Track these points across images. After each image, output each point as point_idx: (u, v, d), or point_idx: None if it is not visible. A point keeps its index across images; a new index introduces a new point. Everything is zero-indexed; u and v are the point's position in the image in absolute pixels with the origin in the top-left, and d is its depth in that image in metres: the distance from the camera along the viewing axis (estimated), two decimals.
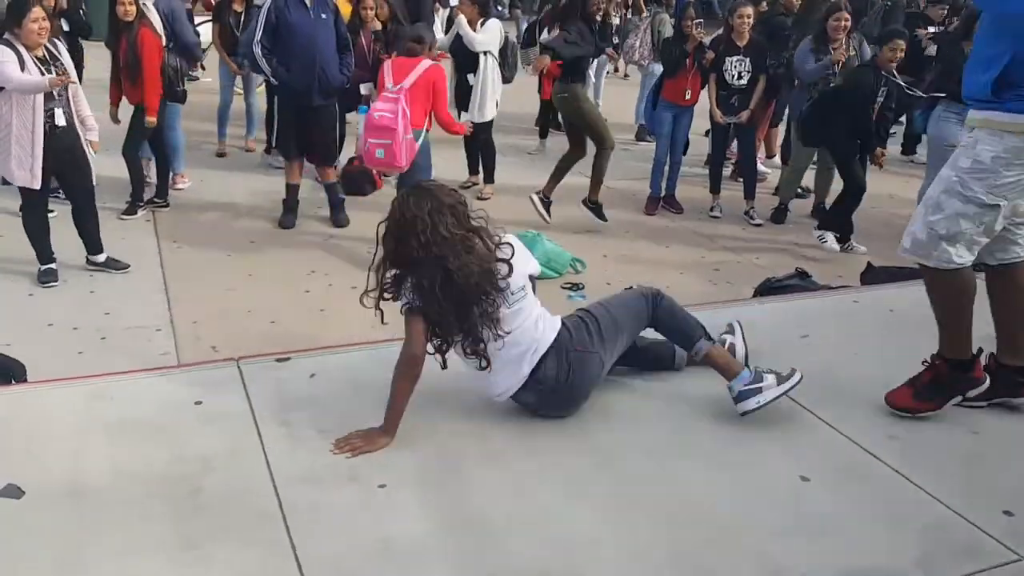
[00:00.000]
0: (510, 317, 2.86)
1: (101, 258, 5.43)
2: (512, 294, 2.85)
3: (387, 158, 5.45)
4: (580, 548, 2.40)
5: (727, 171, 7.83)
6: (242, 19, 7.71)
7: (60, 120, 5.02)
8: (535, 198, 6.49)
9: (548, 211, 6.48)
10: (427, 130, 5.73)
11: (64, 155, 5.08)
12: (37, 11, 4.83)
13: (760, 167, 7.97)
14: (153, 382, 3.20)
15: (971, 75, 2.83)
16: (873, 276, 5.24)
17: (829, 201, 6.95)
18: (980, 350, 3.04)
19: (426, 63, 5.64)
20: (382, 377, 3.24)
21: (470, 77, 7.09)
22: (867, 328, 3.83)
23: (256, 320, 4.89)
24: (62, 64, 5.06)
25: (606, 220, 6.70)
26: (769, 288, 4.75)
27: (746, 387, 3.00)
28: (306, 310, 5.11)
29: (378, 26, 7.12)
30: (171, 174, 6.83)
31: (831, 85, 6.68)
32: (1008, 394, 3.11)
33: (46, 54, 4.97)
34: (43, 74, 4.86)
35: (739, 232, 6.86)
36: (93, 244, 5.42)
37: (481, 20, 7.13)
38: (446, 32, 8.06)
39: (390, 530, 2.43)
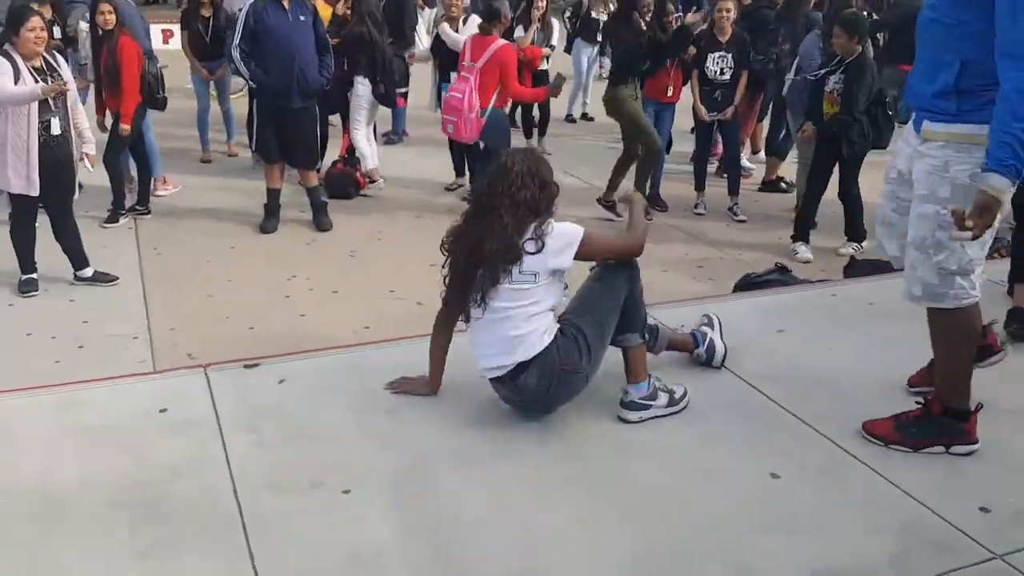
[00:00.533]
0: (507, 294, 2.84)
1: (88, 272, 5.35)
2: (520, 273, 2.82)
3: (455, 132, 6.37)
4: (550, 549, 2.37)
5: (712, 167, 7.79)
6: (211, 24, 7.68)
7: (56, 129, 5.00)
8: (601, 206, 6.72)
9: (616, 214, 6.58)
10: (498, 105, 6.32)
11: (53, 167, 5.04)
12: (35, 20, 4.84)
13: (745, 163, 7.93)
14: (120, 390, 3.18)
15: (923, 85, 2.67)
16: (856, 270, 5.21)
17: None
18: (980, 405, 2.85)
19: (498, 43, 6.28)
20: (353, 382, 3.23)
21: (454, 76, 7.08)
22: (844, 322, 3.80)
23: (234, 326, 4.85)
24: (60, 75, 5.03)
25: (621, 216, 6.70)
26: (749, 284, 4.72)
27: (640, 399, 2.99)
28: (286, 315, 5.07)
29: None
30: (152, 180, 6.80)
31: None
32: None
33: (44, 64, 4.95)
34: (37, 83, 4.83)
35: (723, 229, 6.82)
36: (78, 259, 5.35)
37: (463, 18, 7.14)
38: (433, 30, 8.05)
39: (354, 536, 2.40)
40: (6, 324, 4.84)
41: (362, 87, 6.98)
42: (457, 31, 7.29)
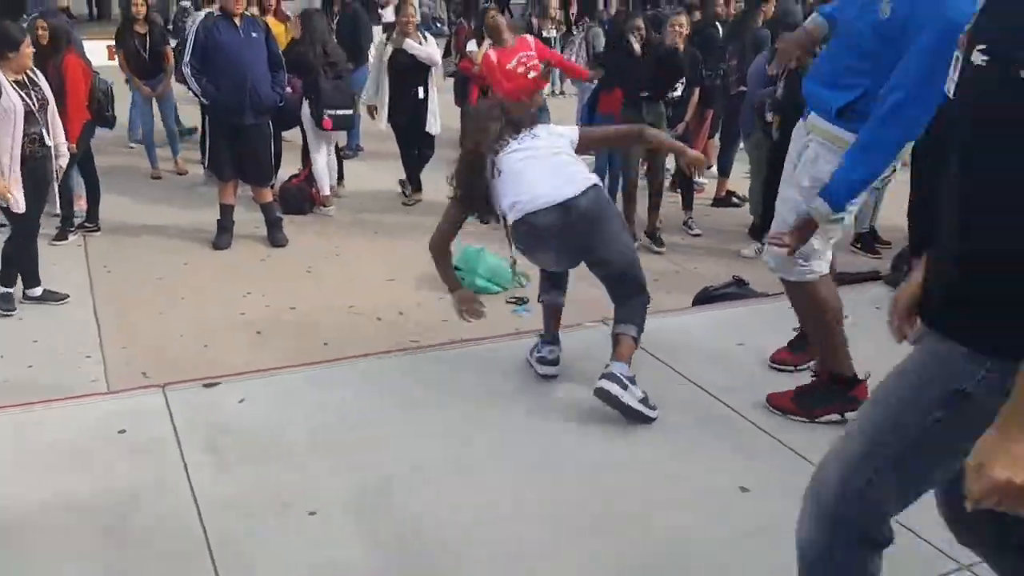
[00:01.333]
0: (548, 136, 3.35)
1: (38, 291, 5.22)
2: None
3: None
4: (515, 562, 2.36)
5: (666, 183, 7.87)
6: (147, 41, 7.57)
7: (47, 141, 4.99)
8: (642, 237, 6.65)
9: (660, 243, 6.65)
10: None
11: (39, 181, 4.99)
12: (29, 38, 4.92)
13: (697, 178, 8.03)
14: (76, 410, 3.10)
15: (819, 88, 2.80)
16: None
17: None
18: (868, 374, 2.97)
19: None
20: (314, 400, 3.19)
21: (420, 91, 7.07)
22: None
23: (189, 345, 4.76)
24: (41, 89, 5.01)
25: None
26: (707, 297, 4.77)
27: (620, 375, 3.05)
28: (242, 333, 4.99)
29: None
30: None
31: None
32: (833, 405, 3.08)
33: (25, 79, 4.91)
34: (22, 99, 4.81)
35: (678, 242, 6.90)
36: (30, 277, 5.22)
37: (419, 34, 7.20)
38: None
39: (323, 559, 2.36)
40: None
41: (306, 109, 6.95)
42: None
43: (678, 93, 6.67)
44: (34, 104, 4.93)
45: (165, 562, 2.31)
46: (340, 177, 7.81)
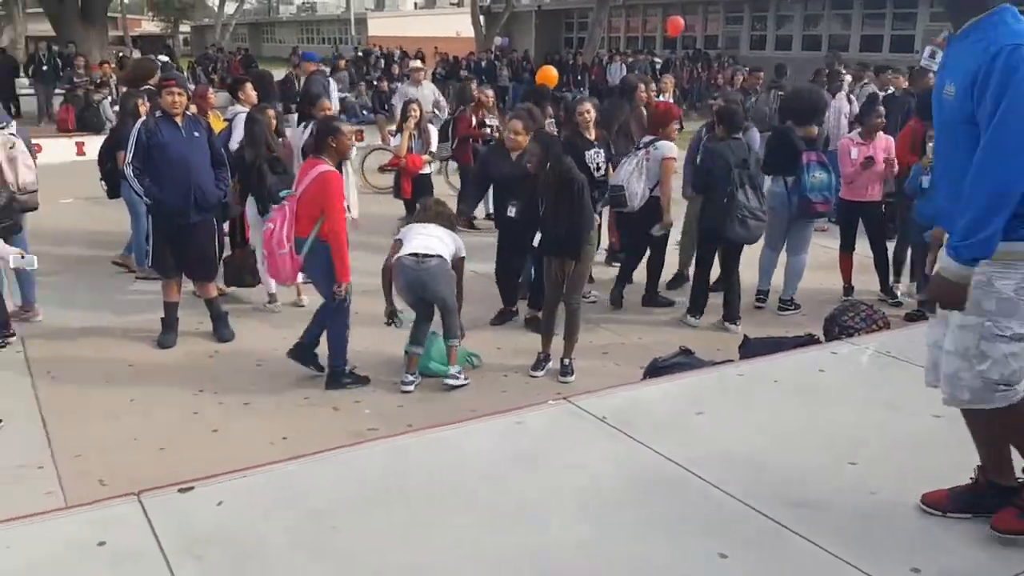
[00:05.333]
0: None
1: None
2: None
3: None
4: None
5: (600, 257, 8.12)
6: None
7: None
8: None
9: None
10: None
11: None
12: None
13: None
14: (49, 525, 3.03)
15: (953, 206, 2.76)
16: (749, 348, 5.53)
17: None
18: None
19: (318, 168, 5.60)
20: (292, 498, 3.21)
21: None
22: (757, 400, 4.03)
23: (144, 448, 4.68)
24: None
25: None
26: (657, 368, 4.93)
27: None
28: (198, 432, 4.93)
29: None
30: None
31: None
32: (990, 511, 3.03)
33: None
34: None
35: (616, 315, 7.10)
36: None
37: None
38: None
39: None
40: None
41: (249, 209, 6.96)
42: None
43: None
44: None
45: None
46: None
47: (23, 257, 5.25)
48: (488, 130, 9.50)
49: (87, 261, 8.36)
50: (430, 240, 5.64)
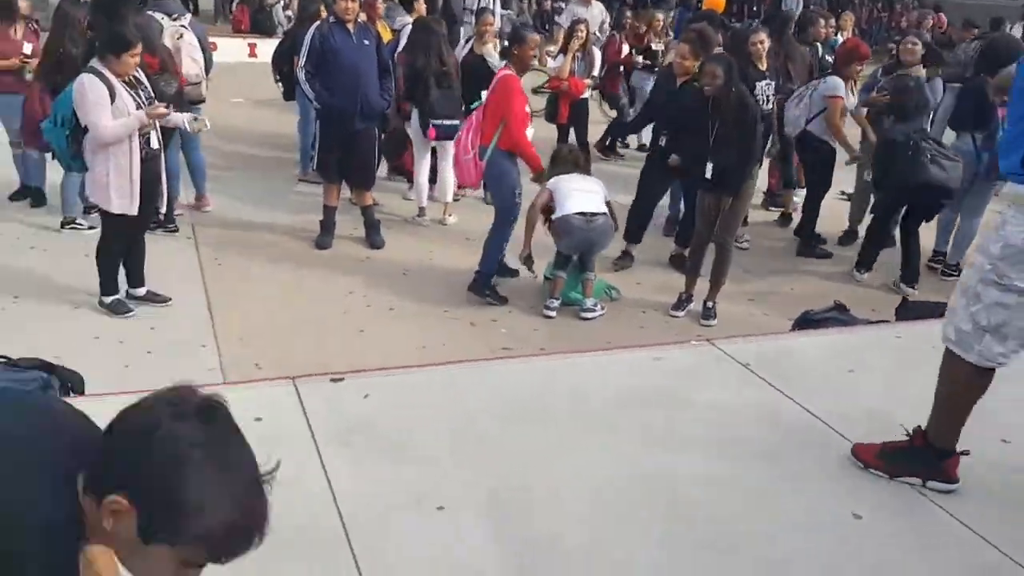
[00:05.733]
0: None
1: (141, 291, 5.31)
2: None
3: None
4: None
5: (758, 200, 7.87)
6: None
7: (154, 143, 5.02)
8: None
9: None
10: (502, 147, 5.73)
11: (150, 182, 5.02)
12: (139, 47, 4.83)
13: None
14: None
15: (1006, 151, 2.72)
16: (907, 311, 5.26)
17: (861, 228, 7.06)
18: (966, 451, 2.90)
19: (501, 73, 5.81)
20: (436, 402, 3.32)
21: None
22: (913, 364, 3.84)
23: (298, 338, 4.95)
24: (147, 88, 5.03)
25: None
26: (808, 321, 4.76)
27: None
28: (347, 330, 5.17)
29: None
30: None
31: None
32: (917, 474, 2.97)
33: (131, 78, 4.91)
34: (134, 100, 4.84)
35: (770, 263, 6.88)
36: (137, 276, 5.31)
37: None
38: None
39: (454, 555, 2.47)
40: (73, 328, 4.90)
41: (414, 118, 6.95)
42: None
43: None
44: (143, 104, 4.89)
45: (305, 551, 2.44)
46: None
47: (196, 120, 5.34)
48: (640, 58, 9.23)
49: (254, 159, 8.79)
50: (593, 197, 5.61)
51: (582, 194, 5.60)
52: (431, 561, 2.45)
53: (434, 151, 7.19)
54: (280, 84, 7.93)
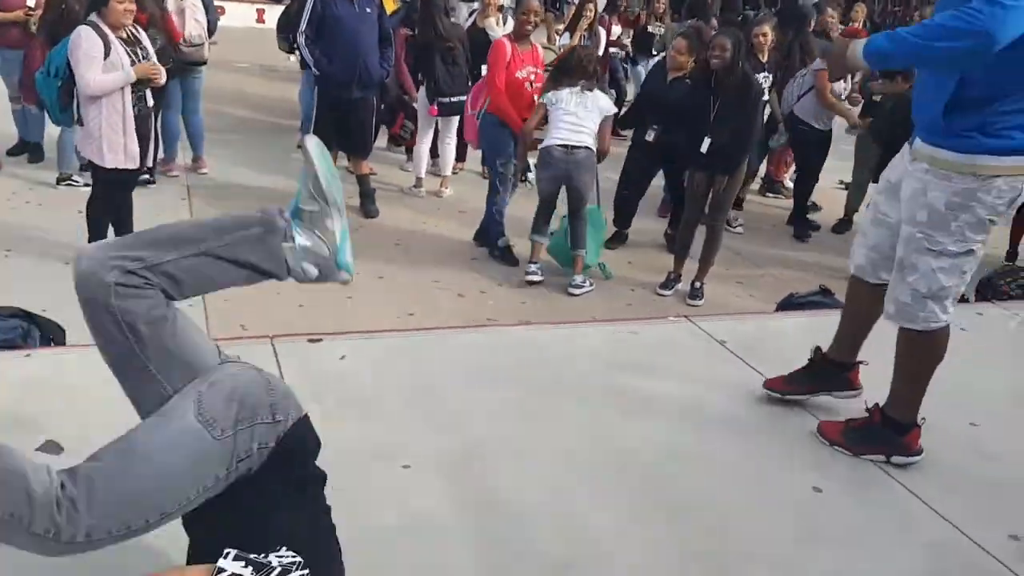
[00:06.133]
0: None
1: None
2: None
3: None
4: (600, 545, 2.48)
5: (755, 185, 7.88)
6: None
7: (151, 101, 5.05)
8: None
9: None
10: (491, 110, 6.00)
11: (143, 138, 5.04)
12: None
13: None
14: None
15: (920, 100, 2.75)
16: None
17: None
18: (924, 420, 2.97)
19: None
20: (409, 365, 3.37)
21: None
22: (888, 348, 3.86)
23: (284, 303, 4.99)
24: (145, 47, 5.05)
25: None
26: (791, 304, 4.80)
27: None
28: (333, 297, 5.21)
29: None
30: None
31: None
32: (829, 388, 3.22)
33: (129, 35, 4.94)
34: (130, 56, 4.85)
35: (761, 247, 6.91)
36: (124, 233, 5.16)
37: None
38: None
39: (414, 508, 2.52)
40: (61, 282, 4.87)
41: (423, 90, 6.98)
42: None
43: None
44: (139, 61, 4.91)
45: None
46: (461, 158, 7.85)
47: None
48: (628, 41, 9.16)
49: (256, 124, 8.82)
50: (581, 129, 5.55)
51: (569, 125, 5.56)
52: (393, 514, 2.50)
53: (437, 125, 7.22)
54: (290, 52, 7.94)
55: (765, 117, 6.76)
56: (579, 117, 5.55)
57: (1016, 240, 7.11)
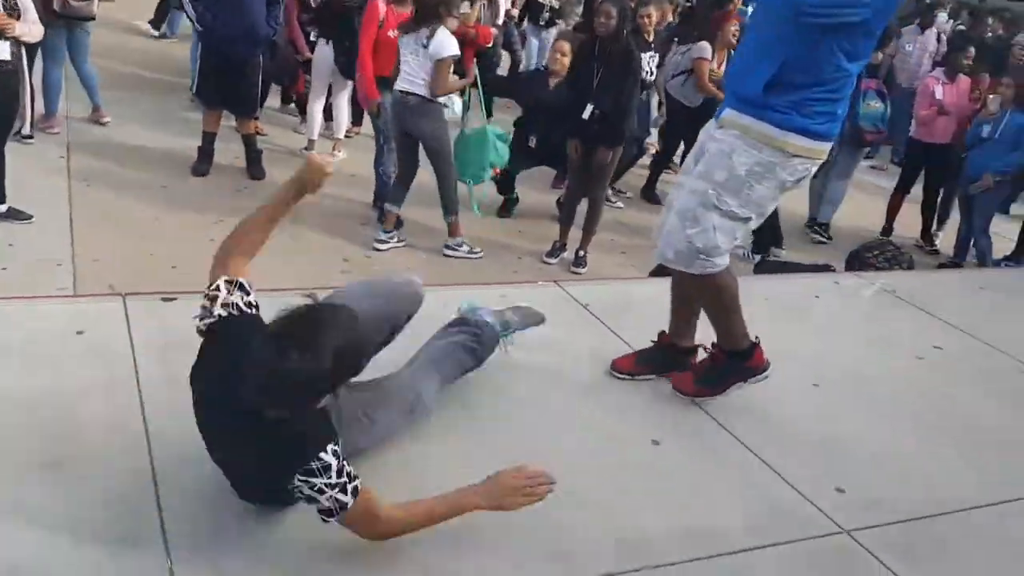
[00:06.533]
0: None
1: (3, 208, 5.19)
2: None
3: None
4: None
5: (645, 159, 8.03)
6: None
7: (4, 55, 4.84)
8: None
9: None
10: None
11: (6, 98, 4.90)
12: None
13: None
14: (36, 310, 3.23)
15: (742, 75, 2.85)
16: (762, 269, 5.52)
17: None
18: (757, 338, 3.11)
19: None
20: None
21: None
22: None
23: (156, 263, 4.91)
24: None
25: None
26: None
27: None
28: (208, 258, 5.09)
29: None
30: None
31: None
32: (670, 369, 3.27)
33: None
34: None
35: (649, 220, 7.05)
36: None
37: None
38: None
39: None
40: None
41: (327, 51, 6.90)
42: None
43: None
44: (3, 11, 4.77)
45: (109, 453, 2.48)
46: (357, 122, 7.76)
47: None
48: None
49: (147, 83, 8.54)
50: (415, 75, 5.41)
51: (408, 70, 5.46)
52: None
53: (330, 87, 7.12)
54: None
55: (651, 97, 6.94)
56: (414, 69, 5.42)
57: (892, 216, 7.44)
